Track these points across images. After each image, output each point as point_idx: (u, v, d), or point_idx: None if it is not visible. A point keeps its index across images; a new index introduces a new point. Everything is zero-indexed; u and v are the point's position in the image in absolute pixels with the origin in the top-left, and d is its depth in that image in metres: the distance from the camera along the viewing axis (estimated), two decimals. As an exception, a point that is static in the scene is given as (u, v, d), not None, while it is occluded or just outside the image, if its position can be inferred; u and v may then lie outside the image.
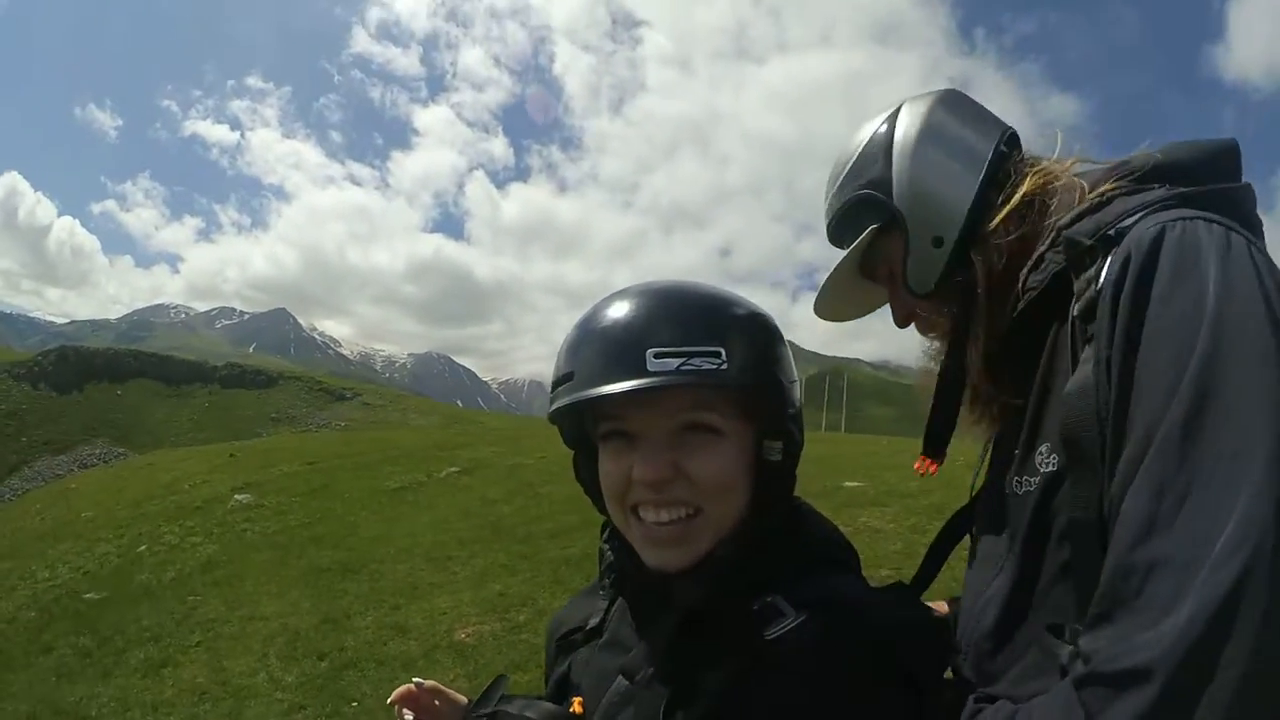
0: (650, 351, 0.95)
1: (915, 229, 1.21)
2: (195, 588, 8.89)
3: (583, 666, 1.14)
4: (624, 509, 1.03)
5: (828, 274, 1.31)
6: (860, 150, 1.28)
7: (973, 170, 1.20)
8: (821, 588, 0.99)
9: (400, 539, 10.41)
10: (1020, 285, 1.11)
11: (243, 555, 10.35)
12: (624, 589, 1.14)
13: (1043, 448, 1.04)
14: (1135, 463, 0.83)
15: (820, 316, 1.43)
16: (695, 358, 0.95)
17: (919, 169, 1.21)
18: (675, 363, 0.94)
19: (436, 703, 1.26)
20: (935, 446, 1.35)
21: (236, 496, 14.04)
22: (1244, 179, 1.04)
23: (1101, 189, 1.07)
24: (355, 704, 5.20)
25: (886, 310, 1.37)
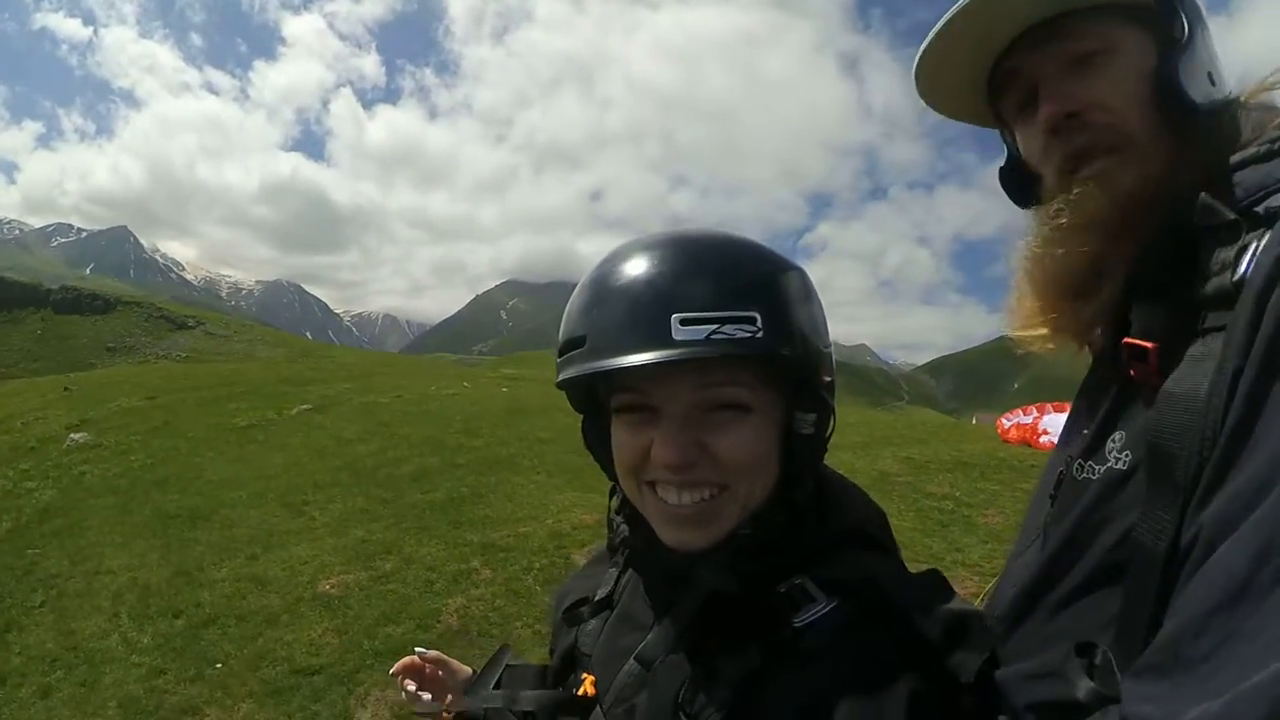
0: (676, 317, 0.85)
1: (1197, 45, 0.94)
2: (33, 540, 8.37)
3: (592, 640, 1.09)
4: (639, 483, 0.96)
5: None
6: None
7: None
8: (853, 569, 0.93)
9: (251, 482, 10.12)
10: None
11: (82, 501, 9.81)
12: (639, 565, 1.08)
13: (1116, 436, 0.91)
14: (1245, 508, 0.67)
15: (923, 67, 1.09)
16: (727, 324, 0.85)
17: (1206, 21, 0.97)
18: (705, 330, 0.85)
19: (440, 673, 1.26)
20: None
21: (72, 435, 13.22)
22: None
23: (1273, 132, 0.88)
24: (219, 665, 5.09)
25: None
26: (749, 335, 0.86)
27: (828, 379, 0.98)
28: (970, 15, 0.98)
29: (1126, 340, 0.87)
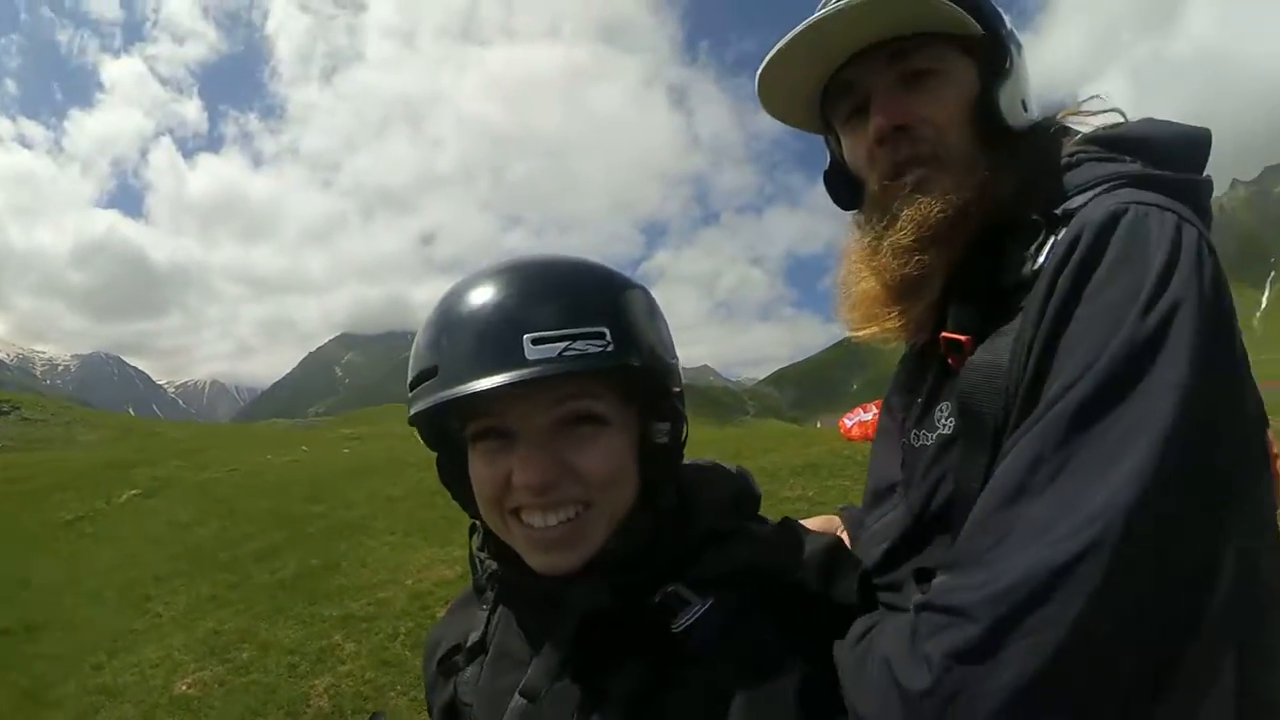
0: (528, 337, 0.86)
1: (1016, 76, 1.09)
2: None
3: (471, 687, 1.07)
4: (502, 513, 0.95)
5: (837, 6, 1.03)
6: None
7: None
8: (720, 562, 0.96)
9: (86, 581, 9.52)
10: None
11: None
12: (510, 599, 1.06)
13: (943, 405, 1.04)
14: (1024, 435, 0.82)
15: (768, 72, 1.15)
16: (578, 340, 0.87)
17: (1021, 52, 1.13)
18: (557, 348, 0.86)
19: None
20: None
21: None
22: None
23: (1074, 150, 1.04)
24: None
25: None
26: (599, 349, 0.88)
27: (677, 389, 1.02)
28: (817, 30, 1.05)
29: (944, 335, 1.01)
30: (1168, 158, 0.98)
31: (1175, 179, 0.95)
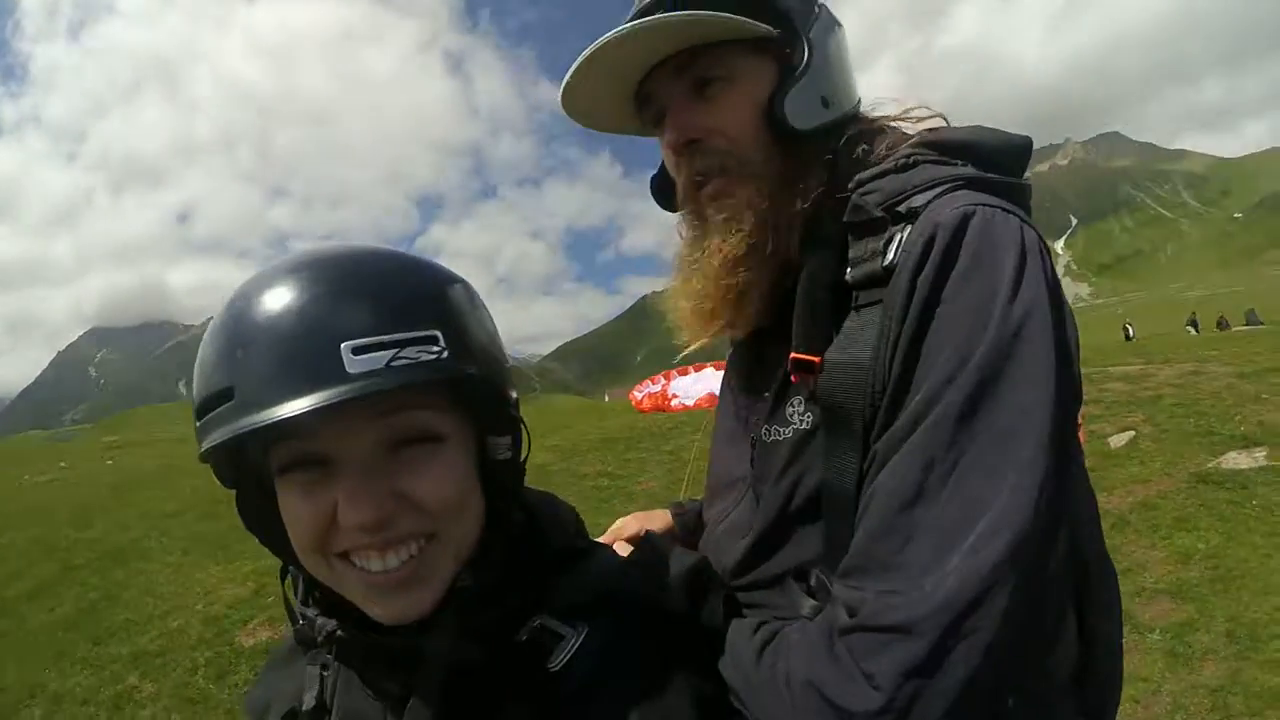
0: (347, 346, 0.73)
1: (815, 72, 1.09)
2: None
3: None
4: (327, 557, 0.82)
5: (619, 31, 1.04)
6: None
7: (852, 92, 1.17)
8: (585, 587, 0.89)
9: None
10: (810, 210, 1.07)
11: None
12: (352, 658, 0.91)
13: (795, 400, 1.03)
14: (905, 436, 0.85)
15: (569, 96, 1.15)
16: (408, 347, 0.75)
17: (840, 42, 1.16)
18: (383, 357, 0.74)
19: None
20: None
21: None
22: None
23: (909, 153, 1.04)
24: None
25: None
26: (434, 357, 0.77)
27: (514, 396, 0.92)
28: (610, 48, 1.05)
29: (794, 355, 1.01)
30: (996, 162, 1.03)
31: (1006, 182, 1.00)
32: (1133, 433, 8.78)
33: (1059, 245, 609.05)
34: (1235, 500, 6.69)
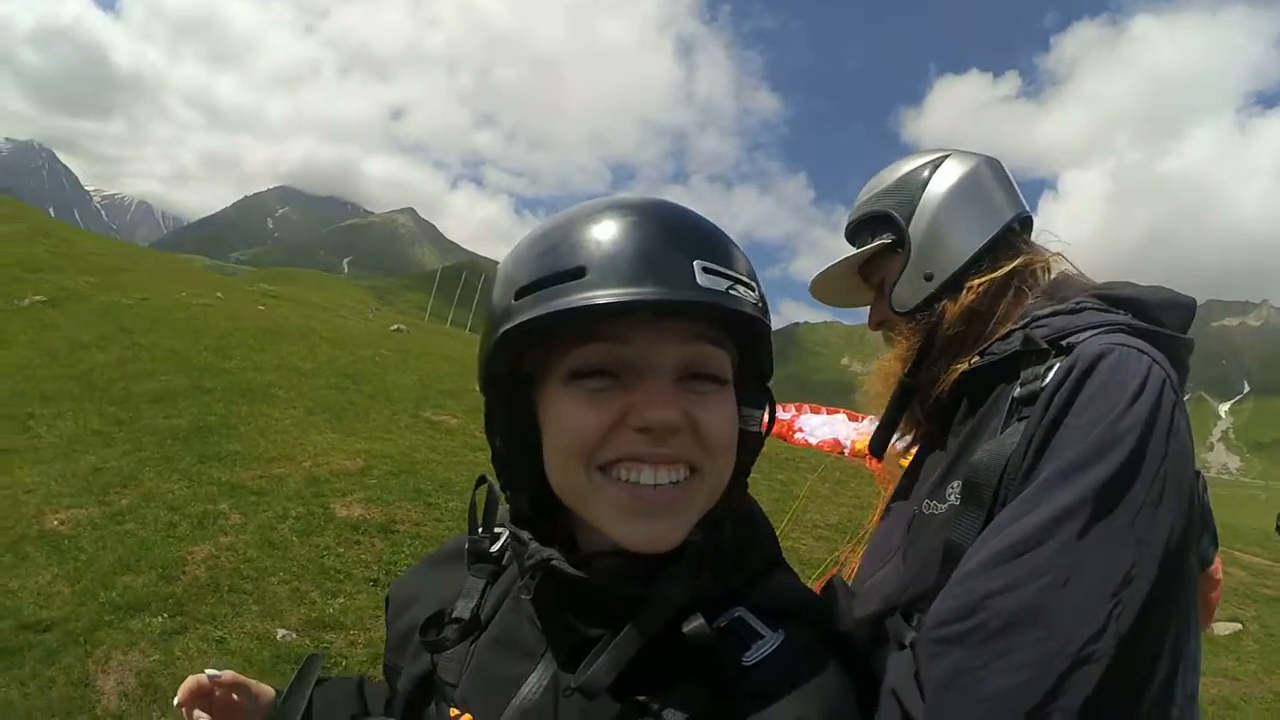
0: (699, 264, 0.77)
1: (916, 258, 1.42)
2: None
3: (457, 667, 0.95)
4: (589, 469, 0.81)
5: (835, 261, 1.54)
6: (901, 178, 1.48)
7: (981, 234, 1.41)
8: (789, 597, 0.89)
9: (-32, 383, 9.06)
10: (986, 343, 1.32)
11: None
12: (549, 589, 0.87)
13: (955, 483, 1.20)
14: (1015, 517, 1.04)
15: (813, 294, 1.63)
16: (739, 284, 0.80)
17: (940, 215, 1.42)
18: (724, 283, 0.78)
19: (235, 698, 1.08)
20: (880, 446, 1.54)
21: None
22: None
23: (1080, 300, 1.27)
24: None
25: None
26: (755, 301, 0.81)
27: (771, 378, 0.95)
28: (836, 266, 1.55)
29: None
30: (1156, 316, 1.22)
31: (1158, 332, 1.19)
32: (1239, 626, 8.37)
33: (1224, 409, 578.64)
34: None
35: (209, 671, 1.06)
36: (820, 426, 15.36)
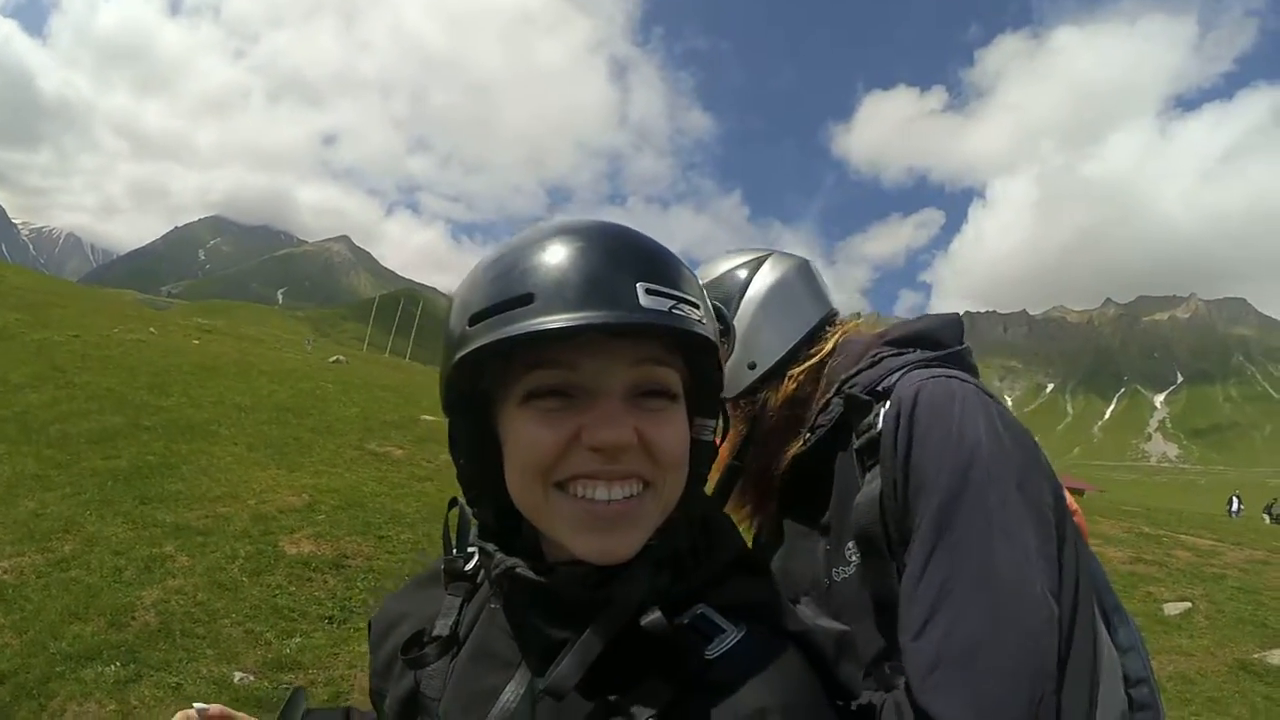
0: (641, 285, 0.79)
1: (740, 348, 1.54)
2: None
3: (439, 682, 0.98)
4: (546, 486, 0.84)
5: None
6: (727, 272, 1.61)
7: (796, 330, 1.55)
8: (749, 594, 0.91)
9: (-106, 433, 8.79)
10: (812, 421, 1.43)
11: None
12: (517, 598, 0.92)
13: (849, 544, 1.29)
14: (913, 561, 1.14)
15: None
16: (683, 304, 0.82)
17: (761, 311, 1.56)
18: (667, 303, 0.80)
19: None
20: None
21: None
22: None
23: (874, 352, 1.41)
24: None
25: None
26: (699, 320, 0.83)
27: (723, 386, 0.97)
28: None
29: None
30: (937, 339, 1.41)
31: (944, 355, 1.37)
32: (1189, 605, 8.84)
33: (1159, 399, 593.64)
34: (1272, 696, 6.60)
35: (197, 705, 1.10)
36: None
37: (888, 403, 1.27)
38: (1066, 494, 1.30)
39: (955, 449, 1.16)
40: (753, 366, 1.54)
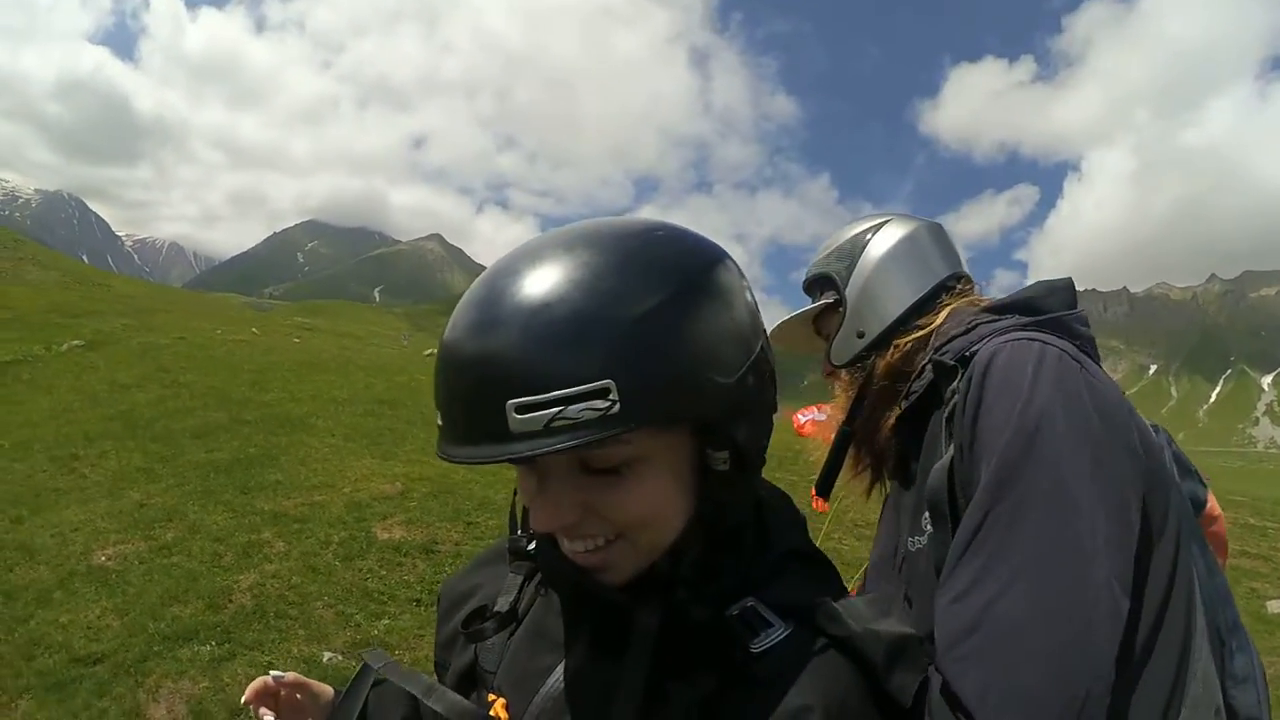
0: (511, 405, 0.72)
1: (851, 317, 1.58)
2: None
3: (496, 656, 1.00)
4: None
5: (793, 312, 1.73)
6: (846, 240, 1.63)
7: (910, 295, 1.54)
8: (801, 591, 0.88)
9: (15, 429, 9.31)
10: (908, 387, 1.42)
11: None
12: (559, 588, 0.97)
13: (926, 514, 1.26)
14: (965, 525, 1.08)
15: (772, 342, 1.67)
16: (574, 403, 0.71)
17: (873, 277, 1.57)
18: (544, 418, 0.71)
19: (299, 697, 1.16)
20: (825, 488, 1.67)
21: None
22: (1033, 277, 1.43)
23: (970, 319, 1.38)
24: None
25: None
26: (598, 415, 0.72)
27: (745, 406, 0.86)
28: (790, 320, 1.73)
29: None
30: (1038, 307, 1.32)
31: (1042, 320, 1.28)
32: None
33: (1267, 380, 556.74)
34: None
35: (273, 673, 1.14)
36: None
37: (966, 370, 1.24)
38: (1212, 500, 1.30)
39: (1022, 414, 1.09)
40: (860, 335, 1.56)
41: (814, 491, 1.72)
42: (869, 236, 1.60)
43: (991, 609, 0.96)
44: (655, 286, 0.78)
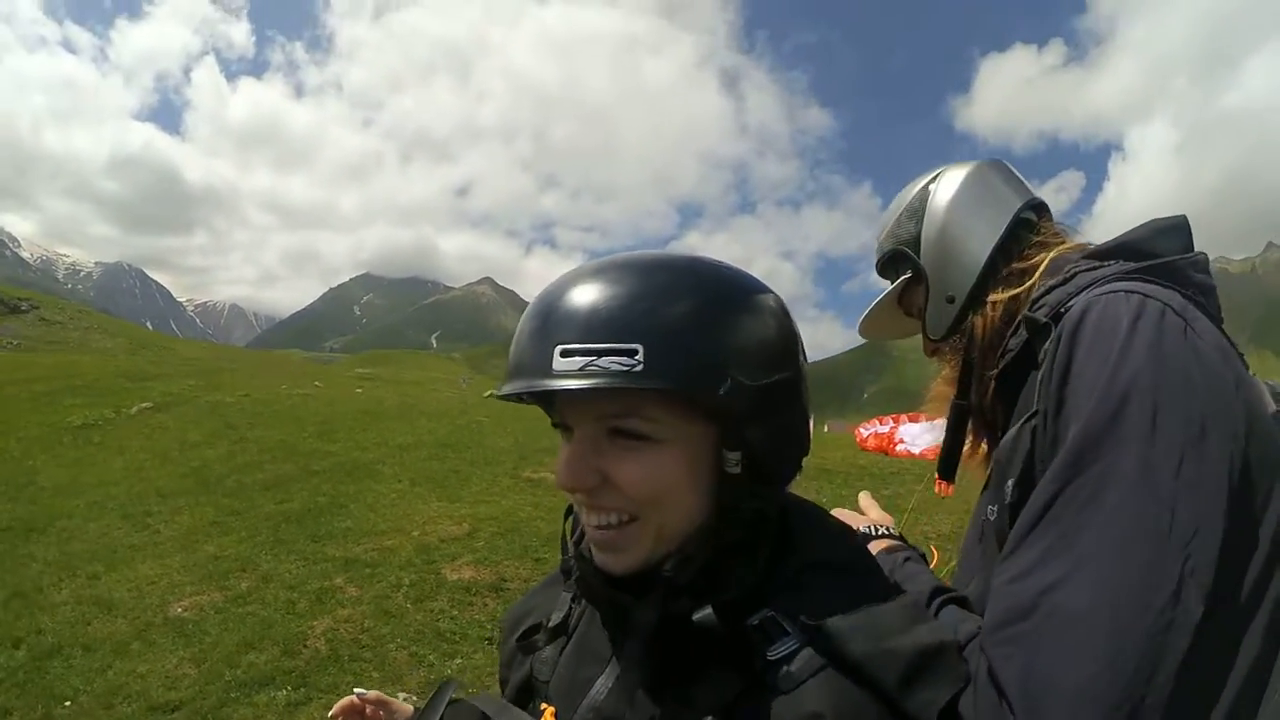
0: (558, 348, 0.84)
1: (934, 286, 1.43)
2: None
3: (549, 668, 1.05)
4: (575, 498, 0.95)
5: (875, 300, 1.55)
6: (904, 207, 1.48)
7: (989, 237, 1.37)
8: (821, 605, 0.89)
9: (89, 489, 9.52)
10: (1003, 345, 1.28)
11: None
12: (588, 597, 1.04)
13: (1009, 482, 1.13)
14: (1036, 496, 0.98)
15: (862, 335, 1.65)
16: (605, 356, 0.83)
17: (945, 231, 1.41)
18: (580, 362, 0.83)
19: (381, 714, 1.24)
20: (948, 470, 1.51)
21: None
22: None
23: (1070, 267, 1.22)
24: (69, 703, 4.72)
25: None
26: (624, 369, 0.82)
27: (761, 412, 0.91)
28: (875, 307, 1.55)
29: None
30: (1146, 251, 1.15)
31: (1147, 267, 1.11)
32: None
33: None
34: None
35: (357, 690, 1.23)
36: (921, 434, 14.77)
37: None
38: None
39: (1110, 380, 0.96)
40: (951, 300, 1.42)
41: (937, 475, 1.58)
42: (930, 189, 1.46)
43: (1050, 595, 0.88)
44: (699, 290, 0.91)
